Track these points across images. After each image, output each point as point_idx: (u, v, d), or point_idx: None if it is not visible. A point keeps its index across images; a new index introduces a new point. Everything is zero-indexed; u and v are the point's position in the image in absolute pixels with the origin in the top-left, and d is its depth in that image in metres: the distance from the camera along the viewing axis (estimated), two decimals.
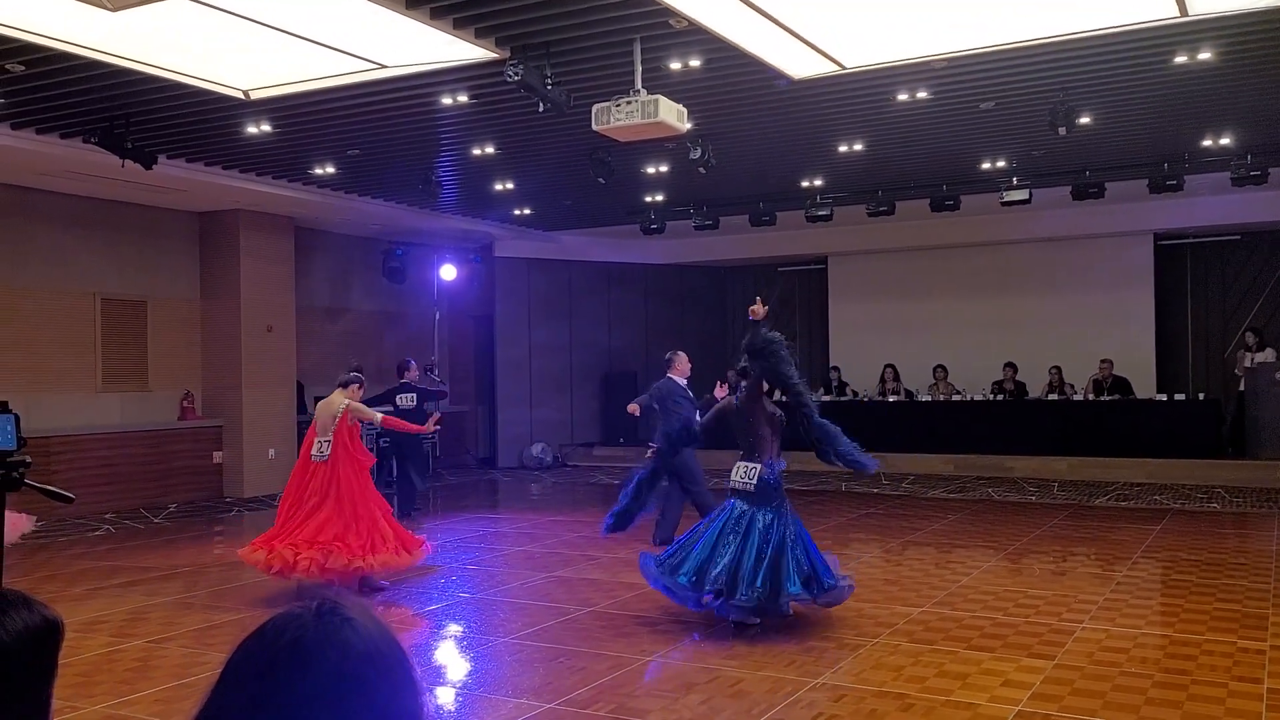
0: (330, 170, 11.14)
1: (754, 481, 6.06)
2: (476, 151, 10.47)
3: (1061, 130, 8.78)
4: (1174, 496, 11.48)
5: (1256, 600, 6.47)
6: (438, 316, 16.08)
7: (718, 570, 5.78)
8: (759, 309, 6.33)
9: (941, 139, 10.34)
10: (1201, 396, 13.85)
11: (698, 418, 7.70)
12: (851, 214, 13.33)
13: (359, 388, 7.74)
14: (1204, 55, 7.63)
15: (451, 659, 5.77)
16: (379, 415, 7.84)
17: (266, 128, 9.16)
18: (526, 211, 14.23)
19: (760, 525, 5.91)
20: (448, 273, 15.45)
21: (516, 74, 7.03)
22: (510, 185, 12.27)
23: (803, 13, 6.72)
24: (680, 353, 9.39)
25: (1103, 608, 6.41)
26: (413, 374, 10.98)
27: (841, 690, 4.84)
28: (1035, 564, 7.94)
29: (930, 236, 15.13)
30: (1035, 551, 8.46)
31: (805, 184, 12.53)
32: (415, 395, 10.76)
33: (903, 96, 8.69)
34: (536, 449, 15.67)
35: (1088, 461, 13.36)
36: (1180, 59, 7.73)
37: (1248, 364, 13.31)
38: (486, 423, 16.69)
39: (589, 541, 9.25)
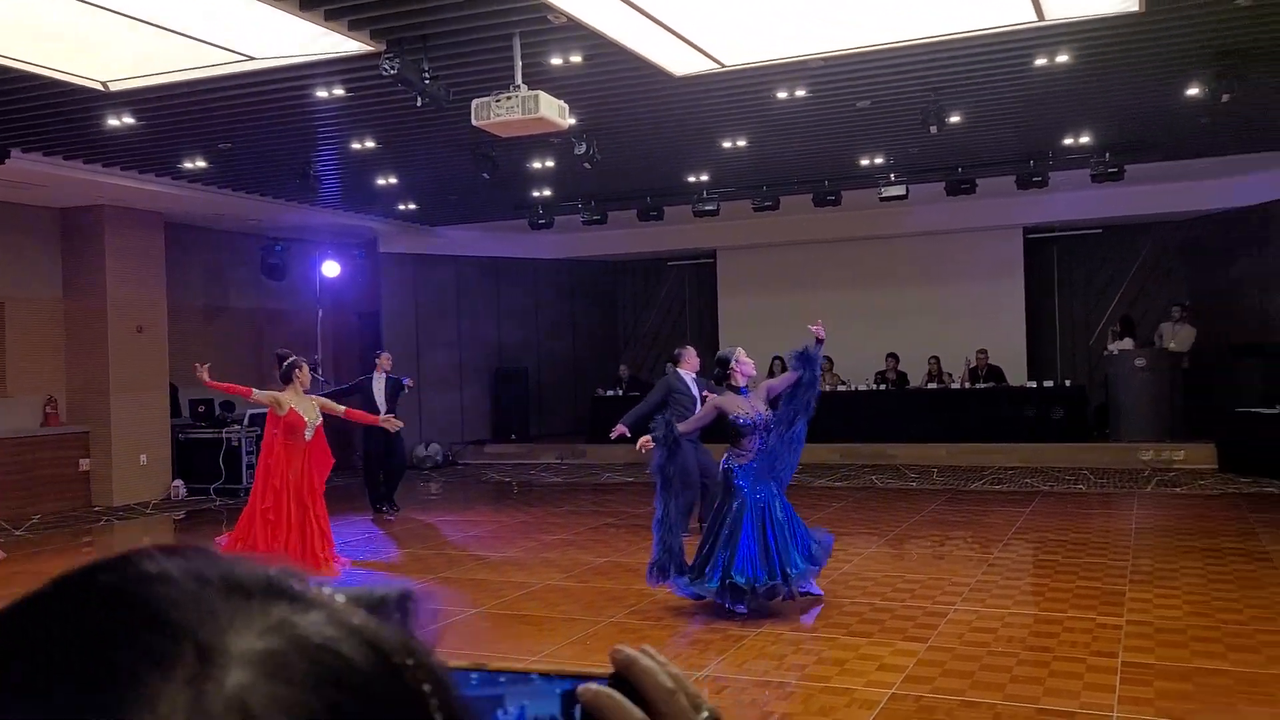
0: (201, 164, 10.74)
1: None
2: (356, 145, 10.24)
3: (933, 129, 9.07)
4: (1044, 479, 12.00)
5: (1115, 577, 6.82)
6: (321, 314, 15.68)
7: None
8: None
9: (821, 136, 10.56)
10: (1069, 383, 14.50)
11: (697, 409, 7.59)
12: (738, 208, 13.51)
13: (300, 370, 7.49)
14: (1062, 57, 7.96)
15: None
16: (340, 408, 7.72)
17: (129, 120, 8.78)
18: (411, 206, 13.99)
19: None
20: (330, 269, 15.08)
21: (392, 67, 6.90)
22: (393, 180, 12.04)
23: (682, 11, 6.76)
24: (689, 347, 9.15)
25: (974, 589, 6.65)
26: (384, 364, 10.90)
27: (724, 681, 4.92)
28: (914, 549, 8.21)
29: (814, 231, 15.45)
30: (915, 536, 8.74)
31: (692, 179, 12.65)
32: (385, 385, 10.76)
33: (782, 94, 8.84)
34: (427, 448, 15.43)
35: (965, 448, 13.85)
36: (1040, 61, 8.06)
37: (1111, 351, 13.99)
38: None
39: (478, 541, 9.17)
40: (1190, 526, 8.77)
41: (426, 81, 7.21)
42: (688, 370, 8.90)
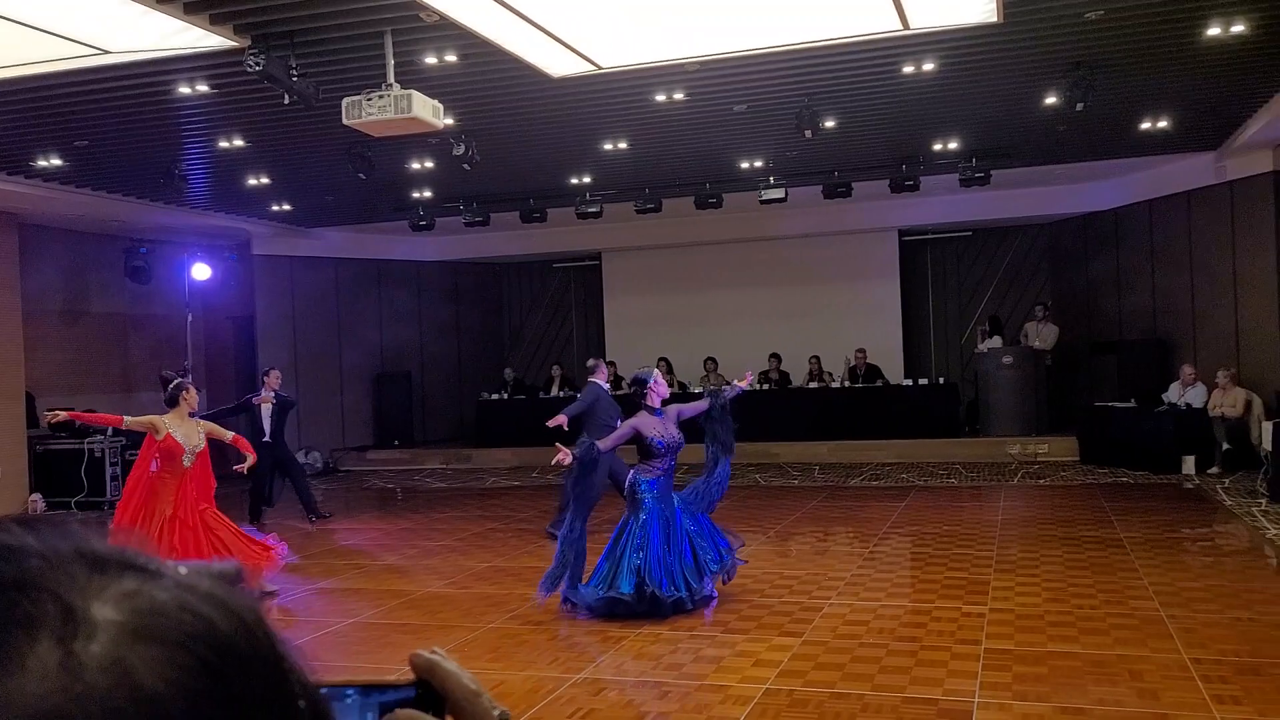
0: (55, 162, 10.21)
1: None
2: (224, 144, 9.90)
3: (807, 133, 9.27)
4: (919, 474, 12.39)
5: (981, 567, 7.08)
6: (190, 319, 15.09)
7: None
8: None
9: (701, 139, 10.68)
10: (942, 381, 15.01)
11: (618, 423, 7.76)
12: (622, 210, 13.56)
13: (187, 392, 7.03)
14: (928, 65, 8.24)
15: None
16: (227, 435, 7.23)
17: None
18: (285, 207, 13.60)
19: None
20: (200, 272, 14.53)
21: (257, 64, 6.69)
22: (265, 180, 11.68)
23: (556, 12, 6.75)
24: (602, 360, 9.68)
25: (850, 583, 6.82)
26: (273, 382, 10.40)
27: (602, 683, 4.91)
28: (793, 545, 8.36)
29: (697, 233, 15.63)
30: (795, 533, 8.91)
31: (574, 181, 12.63)
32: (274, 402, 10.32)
33: (660, 97, 8.91)
34: (306, 455, 15.00)
35: (845, 445, 14.20)
36: (908, 68, 8.32)
37: (982, 349, 14.54)
38: (248, 430, 15.79)
39: (358, 550, 8.97)
40: (1051, 516, 9.18)
41: (294, 79, 7.01)
42: (603, 380, 9.25)
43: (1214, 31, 7.64)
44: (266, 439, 10.15)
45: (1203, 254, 13.00)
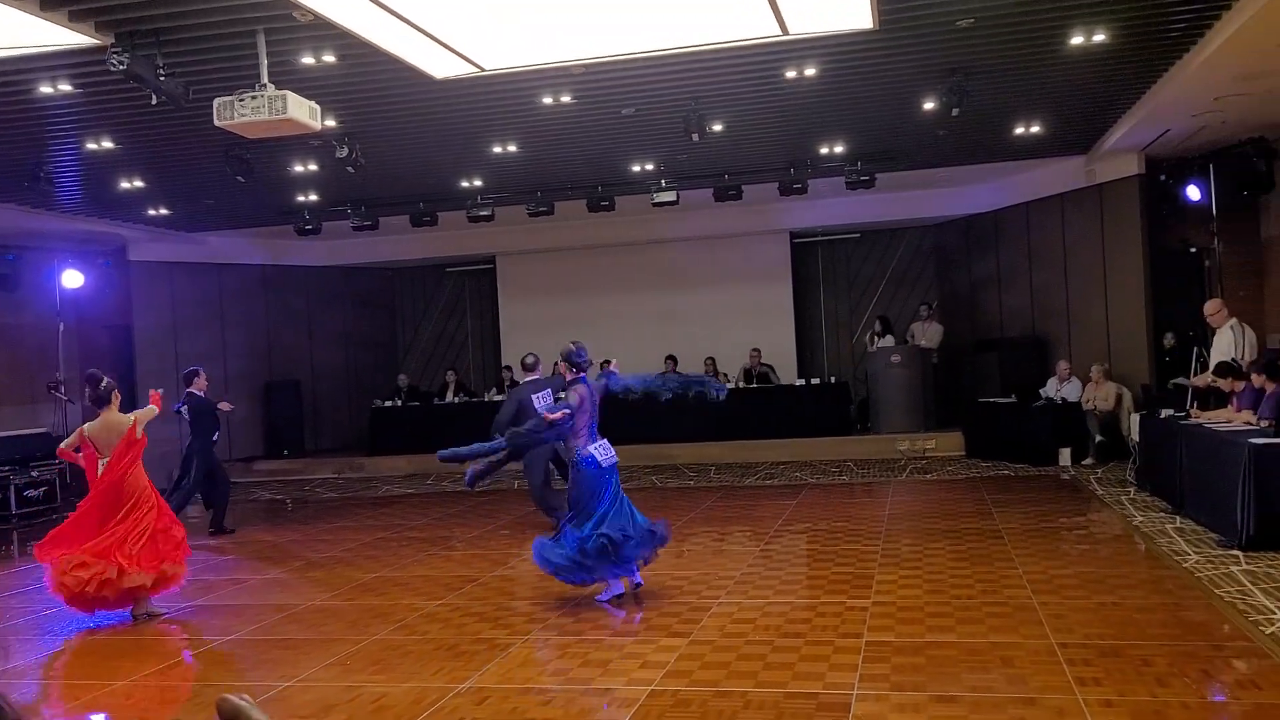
0: None
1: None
2: (92, 146, 9.49)
3: (695, 136, 9.35)
4: (812, 472, 12.60)
5: (865, 562, 7.23)
6: (62, 328, 14.41)
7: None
8: None
9: (591, 142, 10.67)
10: (834, 380, 15.30)
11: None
12: (516, 214, 13.45)
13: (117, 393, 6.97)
14: (810, 70, 8.40)
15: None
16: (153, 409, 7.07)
17: None
18: (164, 211, 13.10)
19: None
20: (72, 279, 13.88)
21: (121, 63, 6.43)
22: (139, 183, 11.23)
23: (435, 13, 6.65)
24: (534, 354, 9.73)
25: (739, 582, 6.88)
26: (201, 383, 10.64)
27: (486, 692, 4.85)
28: (686, 545, 8.39)
29: (591, 236, 15.63)
30: (688, 533, 8.95)
31: (465, 184, 12.49)
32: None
33: (548, 100, 8.87)
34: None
35: (741, 445, 14.36)
36: (791, 73, 8.46)
37: (871, 349, 14.88)
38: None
39: (239, 564, 8.69)
40: (936, 510, 9.43)
41: (162, 79, 6.76)
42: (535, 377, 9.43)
43: (1078, 40, 7.98)
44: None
45: (1076, 254, 13.57)
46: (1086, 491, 10.01)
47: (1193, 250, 12.59)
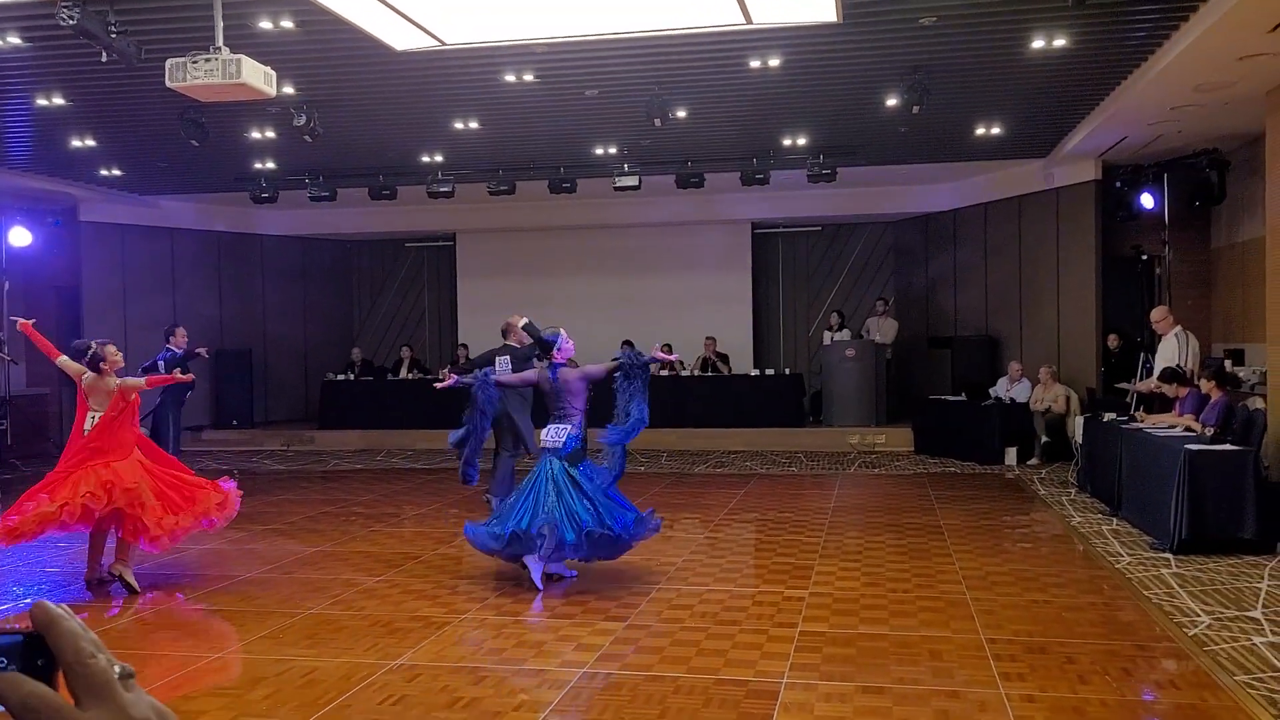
0: None
1: (563, 440, 6.67)
2: (43, 102, 9.26)
3: (657, 122, 9.32)
4: (762, 463, 12.67)
5: (807, 553, 7.29)
6: (7, 287, 14.10)
7: (539, 523, 6.17)
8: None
9: (553, 122, 10.60)
10: (789, 372, 15.38)
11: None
12: (477, 191, 13.34)
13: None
14: (774, 61, 8.40)
15: None
16: (141, 381, 7.07)
17: None
18: (116, 172, 12.84)
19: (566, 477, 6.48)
20: (19, 237, 13.58)
21: (71, 18, 6.28)
22: (91, 142, 10.99)
23: None
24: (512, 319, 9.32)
25: (680, 569, 6.91)
26: (180, 339, 10.65)
27: (418, 670, 4.83)
28: None
29: (552, 217, 15.56)
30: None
31: (426, 159, 12.37)
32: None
33: (510, 78, 8.79)
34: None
35: (694, 432, 14.39)
36: (754, 63, 8.46)
37: (826, 342, 14.97)
38: (71, 406, 14.90)
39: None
40: (880, 504, 9.53)
41: (113, 36, 6.61)
42: (516, 342, 9.16)
43: (1039, 44, 8.05)
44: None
45: (1031, 256, 13.73)
46: (1029, 491, 10.17)
47: (1144, 257, 12.79)
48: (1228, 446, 7.17)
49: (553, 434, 6.71)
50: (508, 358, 9.03)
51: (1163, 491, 7.25)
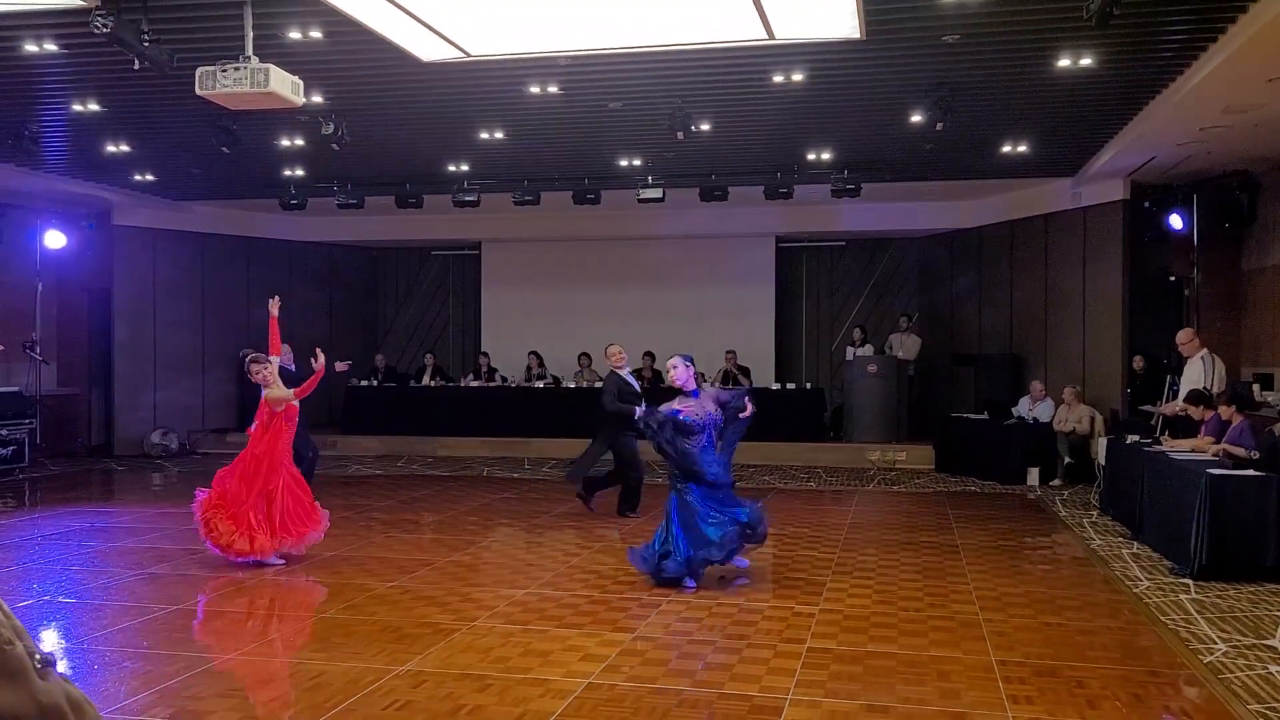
0: None
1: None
2: (78, 107, 9.44)
3: (680, 135, 9.35)
4: (781, 477, 12.63)
5: (820, 569, 7.26)
6: (41, 288, 14.35)
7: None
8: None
9: (577, 134, 10.66)
10: (810, 386, 15.34)
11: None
12: (503, 201, 13.43)
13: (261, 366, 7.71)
14: (797, 76, 8.41)
15: None
16: (286, 394, 7.70)
17: None
18: (149, 177, 13.03)
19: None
20: (54, 240, 13.82)
21: (105, 25, 6.39)
22: (125, 147, 11.17)
23: None
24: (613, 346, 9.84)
25: None
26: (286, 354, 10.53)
27: (424, 676, 4.85)
28: (642, 542, 8.39)
29: (576, 228, 15.62)
30: (649, 531, 8.95)
31: (452, 168, 12.47)
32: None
33: (535, 89, 8.86)
34: (159, 435, 14.44)
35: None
36: (778, 78, 8.47)
37: (849, 357, 14.92)
38: (101, 406, 15.14)
39: (196, 536, 8.65)
40: (897, 522, 9.48)
41: (146, 44, 6.73)
42: (619, 365, 9.60)
43: (1064, 63, 8.01)
44: None
45: (1057, 276, 13.62)
46: (1050, 512, 10.07)
47: (1172, 279, 12.67)
48: (1250, 472, 7.07)
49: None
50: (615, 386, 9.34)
51: (1184, 516, 7.16)
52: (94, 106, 9.46)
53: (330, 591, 6.54)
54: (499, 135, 10.61)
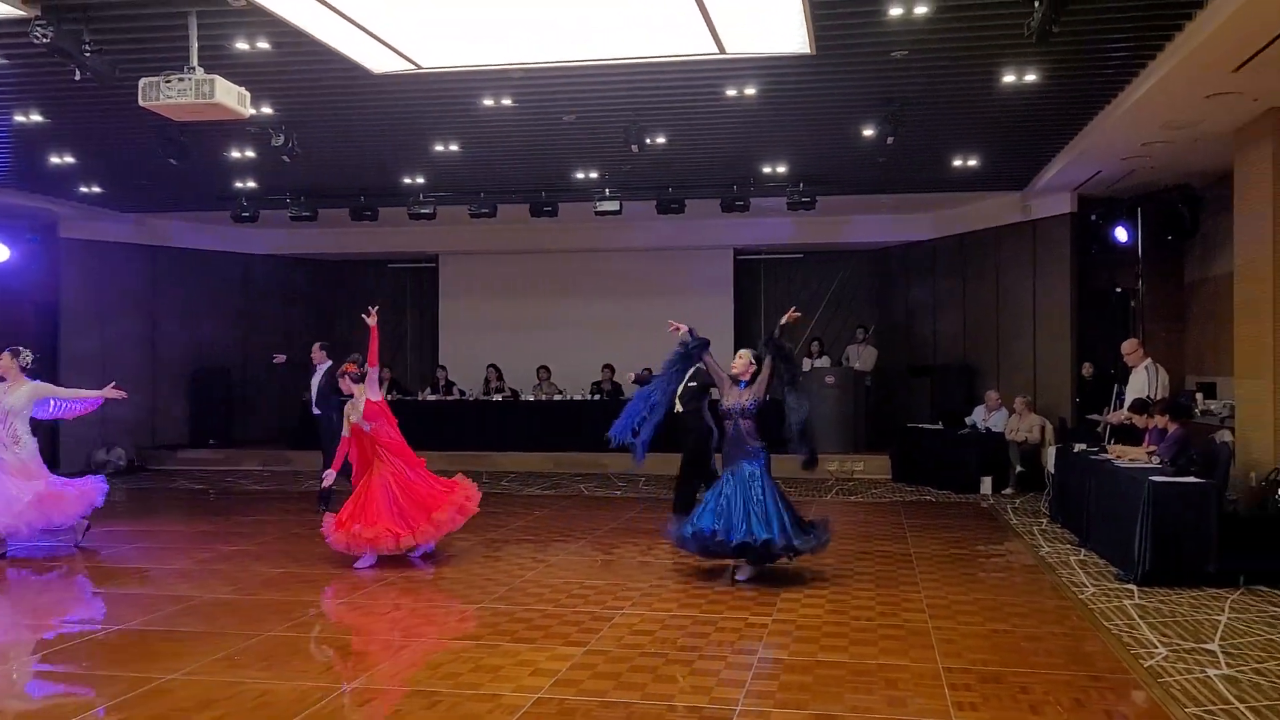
0: None
1: None
2: (20, 118, 9.28)
3: (634, 148, 9.39)
4: None
5: (774, 580, 7.27)
6: None
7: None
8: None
9: (533, 147, 10.67)
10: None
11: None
12: (460, 213, 13.38)
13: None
14: (750, 90, 8.48)
15: None
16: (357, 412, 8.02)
17: None
18: (96, 190, 12.84)
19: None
20: None
21: (45, 36, 6.32)
22: (71, 159, 11.00)
23: (372, 8, 6.62)
24: None
25: (646, 593, 6.90)
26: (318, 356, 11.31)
27: (371, 693, 4.81)
28: (600, 555, 8.40)
29: (534, 241, 15.62)
30: (605, 543, 8.96)
31: (407, 181, 12.41)
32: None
33: (488, 102, 8.85)
34: (104, 452, 14.19)
35: (673, 457, 14.30)
36: (731, 92, 8.54)
37: (806, 369, 14.99)
38: (46, 421, 14.80)
39: (146, 553, 8.53)
40: (854, 531, 9.53)
41: (88, 54, 6.65)
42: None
43: (1010, 79, 8.15)
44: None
45: (1008, 287, 13.83)
46: (1001, 520, 10.19)
47: (1119, 290, 12.90)
48: (1191, 479, 7.21)
49: None
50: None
51: (1128, 523, 7.28)
52: (37, 118, 9.32)
53: (278, 608, 6.45)
54: (454, 147, 10.58)
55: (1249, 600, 6.60)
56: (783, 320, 7.90)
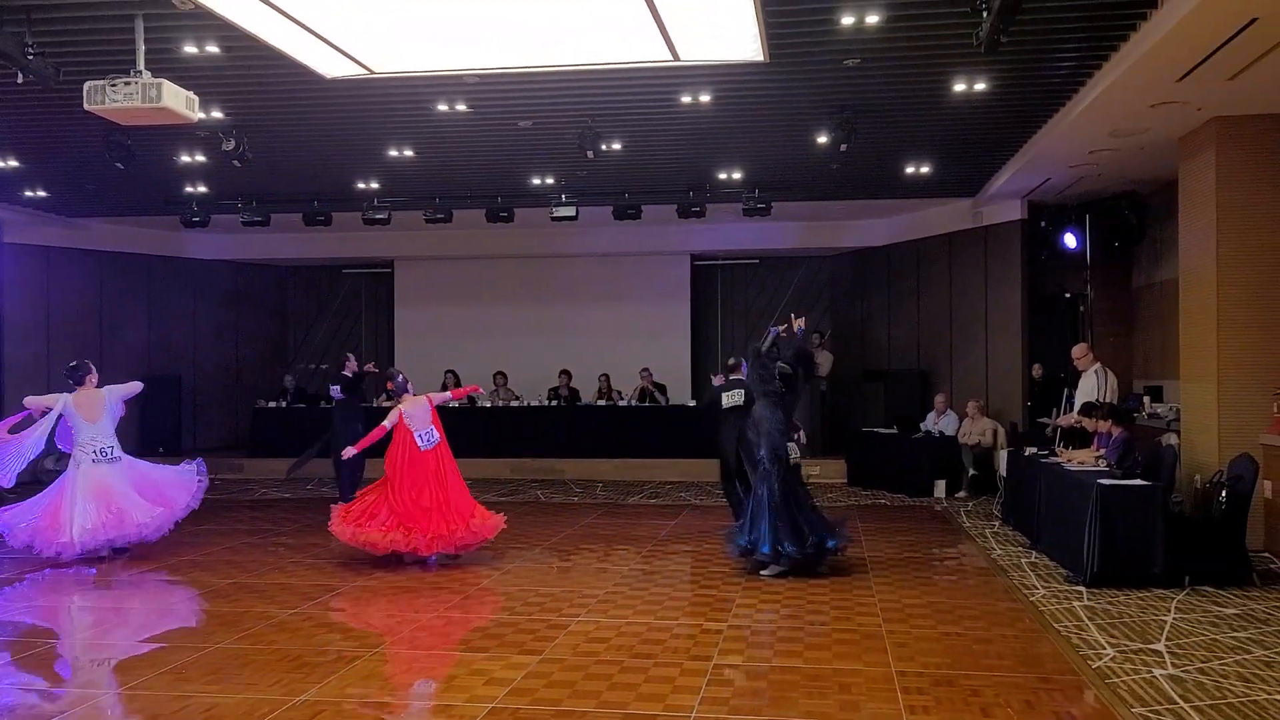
0: None
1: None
2: None
3: (589, 154, 9.38)
4: (696, 493, 12.70)
5: (730, 585, 7.30)
6: None
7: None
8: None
9: (488, 152, 10.62)
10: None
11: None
12: (415, 219, 13.29)
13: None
14: (704, 97, 8.51)
15: None
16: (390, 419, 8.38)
17: None
18: (41, 194, 12.56)
19: None
20: None
21: None
22: (14, 163, 10.77)
23: (323, 11, 6.55)
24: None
25: (602, 600, 6.88)
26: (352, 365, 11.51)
27: (321, 706, 4.73)
28: (557, 562, 8.37)
29: (490, 246, 15.55)
30: (561, 550, 8.92)
31: (361, 185, 12.30)
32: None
33: (442, 107, 8.80)
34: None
35: (630, 463, 14.39)
36: (686, 99, 8.57)
37: None
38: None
39: (92, 563, 8.35)
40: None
41: (30, 57, 6.51)
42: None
43: (960, 87, 8.26)
44: None
45: (960, 293, 14.00)
46: (955, 524, 10.30)
47: (1068, 295, 13.11)
48: (1138, 482, 7.34)
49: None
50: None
51: (1077, 525, 7.39)
52: None
53: (226, 620, 6.35)
54: (408, 153, 10.51)
55: (1194, 600, 6.73)
56: (780, 330, 8.02)
